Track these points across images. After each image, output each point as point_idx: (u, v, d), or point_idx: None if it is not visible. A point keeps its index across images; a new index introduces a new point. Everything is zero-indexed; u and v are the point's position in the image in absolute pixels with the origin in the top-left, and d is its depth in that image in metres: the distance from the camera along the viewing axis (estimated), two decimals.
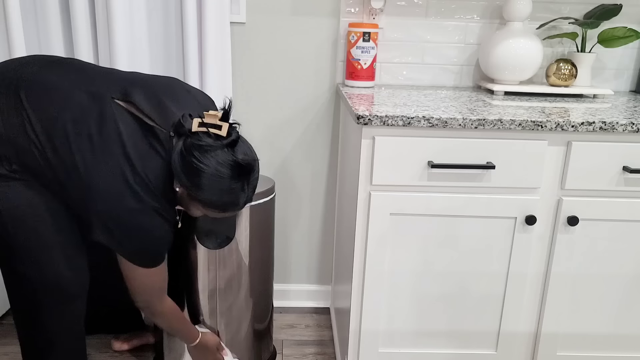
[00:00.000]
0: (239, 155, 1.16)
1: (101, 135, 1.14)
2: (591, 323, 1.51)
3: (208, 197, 1.16)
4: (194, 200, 1.19)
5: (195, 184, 1.14)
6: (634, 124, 1.32)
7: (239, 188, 1.17)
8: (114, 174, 1.14)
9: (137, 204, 1.15)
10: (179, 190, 1.19)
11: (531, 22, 1.84)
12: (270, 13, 1.80)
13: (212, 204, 1.18)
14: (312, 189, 2.00)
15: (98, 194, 1.15)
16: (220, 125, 1.15)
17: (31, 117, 1.14)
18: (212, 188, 1.14)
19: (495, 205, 1.38)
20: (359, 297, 1.46)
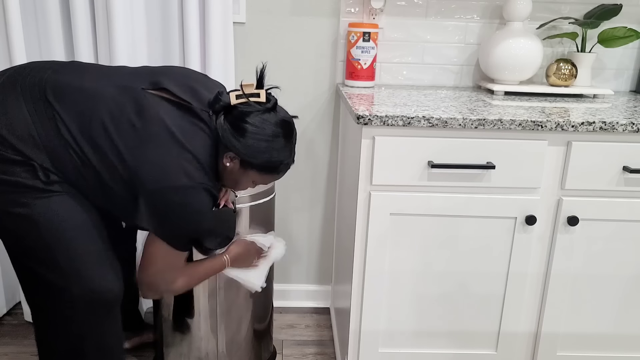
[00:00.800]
0: (282, 115, 1.22)
1: (143, 122, 1.15)
2: (591, 323, 1.51)
3: (266, 159, 1.20)
4: (248, 169, 1.22)
5: (252, 148, 1.18)
6: (634, 124, 1.32)
7: (289, 146, 1.23)
8: (163, 154, 1.14)
9: (188, 181, 1.15)
10: (230, 164, 1.21)
11: (531, 22, 1.84)
12: (270, 13, 1.80)
13: (269, 166, 1.22)
14: (312, 189, 2.00)
15: (148, 175, 1.14)
16: (257, 93, 1.20)
17: (64, 118, 1.14)
18: (269, 149, 1.19)
19: (495, 205, 1.38)
20: (359, 297, 1.46)
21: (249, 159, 1.20)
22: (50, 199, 1.16)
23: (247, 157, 1.19)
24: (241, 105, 1.19)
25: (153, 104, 1.17)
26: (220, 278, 1.51)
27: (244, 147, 1.18)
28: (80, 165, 1.16)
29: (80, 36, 1.66)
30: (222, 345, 1.58)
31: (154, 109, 1.16)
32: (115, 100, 1.16)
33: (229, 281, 1.52)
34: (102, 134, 1.14)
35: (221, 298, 1.53)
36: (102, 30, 1.67)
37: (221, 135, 1.18)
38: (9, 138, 1.12)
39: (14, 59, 1.62)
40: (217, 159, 1.22)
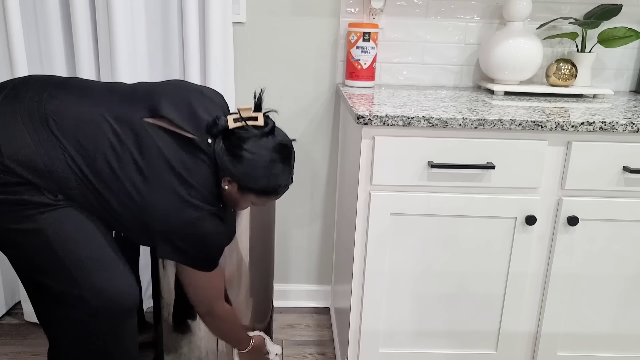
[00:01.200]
0: (280, 139, 1.22)
1: (144, 158, 1.16)
2: (591, 323, 1.51)
3: (263, 184, 1.21)
4: (246, 192, 1.23)
5: (249, 175, 1.19)
6: (634, 124, 1.32)
7: (287, 169, 1.24)
8: (168, 193, 1.17)
9: (196, 213, 1.18)
10: (228, 187, 1.23)
11: (531, 22, 1.84)
12: (270, 13, 1.80)
13: (267, 190, 1.23)
14: (312, 189, 2.00)
15: (157, 214, 1.17)
16: (255, 117, 1.20)
17: (70, 151, 1.13)
18: (266, 175, 1.20)
19: (495, 205, 1.38)
20: (359, 297, 1.46)
21: (247, 184, 1.21)
22: (57, 210, 1.15)
23: (245, 183, 1.21)
24: (238, 130, 1.19)
25: (152, 136, 1.17)
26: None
27: (241, 173, 1.19)
28: (87, 191, 1.16)
29: (80, 37, 1.66)
30: (222, 345, 1.58)
31: (154, 145, 1.17)
32: (116, 134, 1.16)
33: (229, 281, 1.53)
34: (106, 170, 1.15)
35: None
36: (103, 30, 1.67)
37: (219, 161, 1.19)
38: (13, 167, 1.11)
39: (14, 58, 1.62)
40: (219, 184, 1.23)
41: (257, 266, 1.57)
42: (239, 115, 1.20)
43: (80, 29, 1.66)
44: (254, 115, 1.20)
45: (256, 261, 1.56)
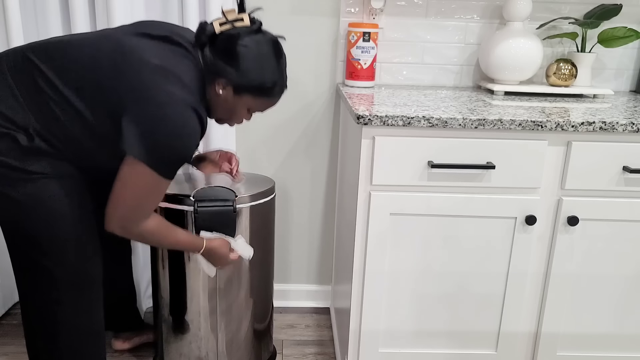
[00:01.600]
0: (270, 36, 1.20)
1: (123, 56, 1.13)
2: (591, 323, 1.51)
3: (259, 80, 1.18)
4: (243, 94, 1.20)
5: (245, 71, 1.16)
6: (634, 124, 1.32)
7: (281, 67, 1.22)
8: (143, 76, 1.11)
9: (167, 97, 1.11)
10: (223, 92, 1.19)
11: (531, 22, 1.84)
12: (270, 13, 1.80)
13: (264, 89, 1.20)
14: (312, 189, 2.00)
15: (130, 94, 1.11)
16: (241, 17, 1.18)
17: (43, 69, 1.13)
18: (261, 68, 1.17)
19: (495, 205, 1.38)
20: (359, 297, 1.46)
21: (243, 82, 1.17)
22: (36, 183, 1.16)
23: (241, 81, 1.17)
24: (227, 31, 1.17)
25: (136, 42, 1.16)
26: (220, 278, 1.51)
27: (236, 70, 1.16)
28: (62, 115, 1.14)
29: (79, 30, 1.66)
30: (222, 345, 1.58)
31: (137, 44, 1.15)
32: (97, 45, 1.16)
33: (229, 281, 1.53)
34: (82, 74, 1.13)
35: (221, 298, 1.54)
36: (102, 25, 1.67)
37: (210, 65, 1.17)
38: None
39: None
40: (204, 88, 1.20)
41: (257, 266, 1.57)
42: (224, 18, 1.18)
43: (79, 27, 1.66)
44: (239, 17, 1.18)
45: (256, 261, 1.56)
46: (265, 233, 1.58)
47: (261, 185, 1.57)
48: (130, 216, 1.20)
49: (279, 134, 1.92)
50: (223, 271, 1.51)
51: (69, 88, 1.13)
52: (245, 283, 1.56)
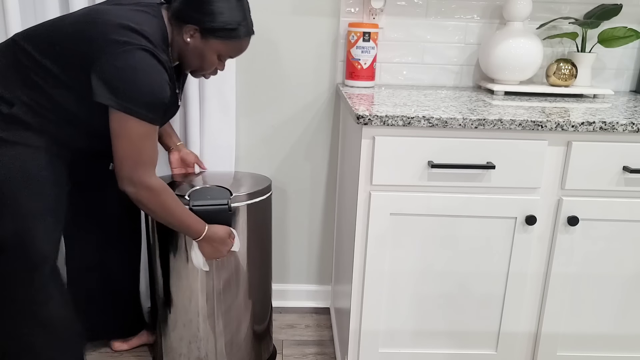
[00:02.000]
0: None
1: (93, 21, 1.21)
2: (591, 323, 1.51)
3: (223, 20, 1.26)
4: (209, 38, 1.28)
5: (206, 13, 1.25)
6: (634, 124, 1.32)
7: (244, 8, 1.30)
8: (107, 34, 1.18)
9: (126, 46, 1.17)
10: (191, 40, 1.28)
11: (531, 22, 1.84)
12: (270, 13, 1.80)
13: (229, 29, 1.27)
14: (312, 189, 1.99)
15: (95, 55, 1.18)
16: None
17: (23, 45, 1.23)
18: (222, 11, 1.25)
19: (495, 205, 1.38)
20: (359, 297, 1.46)
21: (208, 25, 1.25)
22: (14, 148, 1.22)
23: (206, 24, 1.25)
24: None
25: (102, 7, 1.26)
26: (219, 279, 1.51)
27: (201, 14, 1.25)
28: (44, 84, 1.22)
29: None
30: (221, 346, 1.58)
31: (101, 9, 1.25)
32: (71, 15, 1.26)
33: (227, 282, 1.52)
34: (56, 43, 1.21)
35: (220, 299, 1.53)
36: None
37: (177, 14, 1.26)
38: None
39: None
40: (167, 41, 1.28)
41: (255, 266, 1.57)
42: None
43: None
44: None
45: (254, 261, 1.56)
46: (262, 232, 1.58)
47: (257, 183, 1.57)
48: (134, 168, 1.24)
49: (279, 134, 1.92)
50: (221, 271, 1.51)
51: (46, 57, 1.21)
52: (243, 283, 1.56)
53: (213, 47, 1.29)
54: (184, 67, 1.37)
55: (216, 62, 1.34)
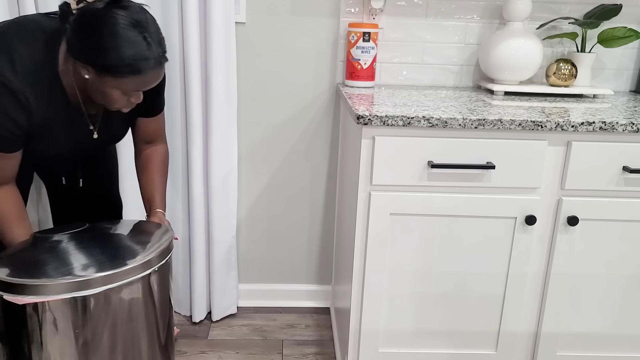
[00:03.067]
0: (132, 8, 1.12)
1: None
2: (591, 323, 1.51)
3: (116, 57, 1.09)
4: (104, 75, 1.13)
5: (98, 48, 1.09)
6: (634, 124, 1.32)
7: (142, 39, 1.11)
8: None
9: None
10: (89, 76, 1.14)
11: (531, 22, 1.84)
12: (270, 13, 1.80)
13: (123, 65, 1.10)
14: (312, 189, 2.00)
15: None
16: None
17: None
18: (116, 45, 1.09)
19: (495, 205, 1.38)
20: (359, 297, 1.46)
21: (99, 61, 1.11)
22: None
23: (97, 60, 1.11)
24: (80, 8, 1.11)
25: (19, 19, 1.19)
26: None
27: (90, 50, 1.10)
28: None
29: None
30: None
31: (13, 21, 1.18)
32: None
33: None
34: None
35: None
36: None
37: (71, 47, 1.12)
38: None
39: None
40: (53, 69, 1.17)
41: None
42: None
43: None
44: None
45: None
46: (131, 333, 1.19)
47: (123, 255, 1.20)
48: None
49: (279, 134, 1.92)
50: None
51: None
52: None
53: (112, 84, 1.14)
54: (93, 101, 1.24)
55: (122, 98, 1.19)
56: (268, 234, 2.04)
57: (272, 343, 1.87)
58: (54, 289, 1.08)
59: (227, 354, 1.81)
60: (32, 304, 1.09)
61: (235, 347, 1.84)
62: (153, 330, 1.25)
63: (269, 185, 1.98)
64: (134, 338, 1.21)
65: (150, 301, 1.22)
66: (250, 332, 1.94)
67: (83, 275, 1.10)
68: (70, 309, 1.11)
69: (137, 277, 1.17)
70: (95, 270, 1.12)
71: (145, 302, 1.21)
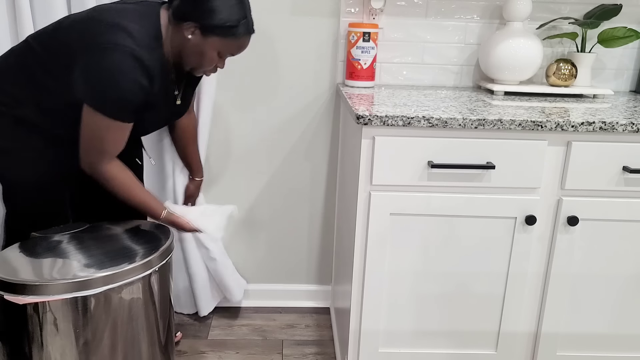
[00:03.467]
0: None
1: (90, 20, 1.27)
2: (591, 323, 1.51)
3: (222, 17, 1.26)
4: (209, 35, 1.28)
5: (207, 10, 1.25)
6: (634, 124, 1.32)
7: (245, 5, 1.31)
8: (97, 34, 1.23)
9: (108, 46, 1.21)
10: (191, 36, 1.28)
11: (531, 22, 1.84)
12: (270, 13, 1.80)
13: (228, 26, 1.27)
14: (312, 189, 2.00)
15: (82, 52, 1.23)
16: None
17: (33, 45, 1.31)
18: (223, 8, 1.26)
19: (495, 205, 1.38)
20: (359, 297, 1.46)
21: (208, 21, 1.26)
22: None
23: (206, 21, 1.26)
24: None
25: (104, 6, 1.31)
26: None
27: (201, 11, 1.26)
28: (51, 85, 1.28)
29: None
30: None
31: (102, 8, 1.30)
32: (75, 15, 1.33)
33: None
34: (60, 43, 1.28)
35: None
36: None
37: (178, 11, 1.27)
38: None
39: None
40: (160, 40, 1.29)
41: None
42: None
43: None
44: None
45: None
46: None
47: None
48: (91, 155, 1.32)
49: (279, 134, 1.92)
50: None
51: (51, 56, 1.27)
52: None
53: (213, 45, 1.30)
54: (183, 64, 1.37)
55: (216, 60, 1.34)
56: (268, 234, 2.04)
57: (272, 343, 1.88)
58: (55, 289, 1.09)
59: (227, 354, 1.81)
60: (32, 304, 1.09)
61: (235, 347, 1.84)
62: (153, 330, 1.25)
63: (269, 185, 1.98)
64: (134, 338, 1.21)
65: (150, 301, 1.22)
66: (250, 332, 1.94)
67: (83, 276, 1.11)
68: (70, 309, 1.11)
69: (137, 277, 1.17)
70: (96, 270, 1.13)
71: (145, 302, 1.21)
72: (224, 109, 1.89)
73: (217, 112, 1.87)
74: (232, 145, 1.92)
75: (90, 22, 1.26)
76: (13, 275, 1.10)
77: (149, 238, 1.29)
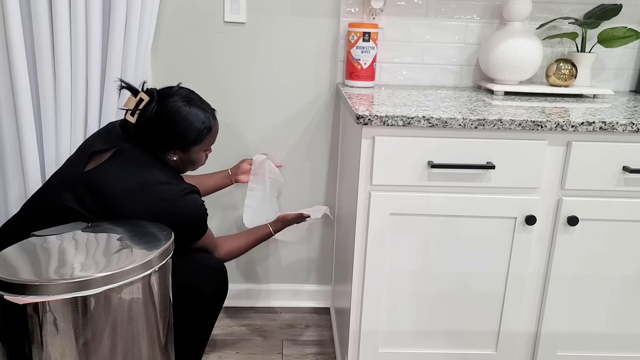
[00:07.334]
0: (170, 93, 1.35)
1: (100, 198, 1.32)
2: (591, 323, 1.51)
3: (194, 132, 1.34)
4: (190, 149, 1.38)
5: (179, 135, 1.33)
6: (634, 124, 1.32)
7: (196, 106, 1.36)
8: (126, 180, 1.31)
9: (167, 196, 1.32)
10: (177, 158, 1.38)
11: (531, 22, 1.84)
12: (270, 13, 1.80)
13: (199, 133, 1.36)
14: (312, 189, 2.00)
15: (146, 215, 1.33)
16: (140, 99, 1.33)
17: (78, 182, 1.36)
18: (187, 123, 1.33)
19: (495, 205, 1.38)
20: (359, 297, 1.46)
21: (183, 143, 1.35)
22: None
23: (181, 144, 1.35)
24: (139, 118, 1.33)
25: (95, 175, 1.31)
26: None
27: (172, 138, 1.33)
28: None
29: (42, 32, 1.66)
30: None
31: (98, 179, 1.31)
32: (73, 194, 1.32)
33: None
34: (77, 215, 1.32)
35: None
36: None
37: (154, 147, 1.35)
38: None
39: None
40: (164, 163, 1.38)
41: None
42: (129, 110, 1.33)
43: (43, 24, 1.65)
44: (138, 99, 1.33)
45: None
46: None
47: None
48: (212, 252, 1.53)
49: (279, 134, 1.92)
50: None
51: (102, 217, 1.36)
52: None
53: (197, 151, 1.40)
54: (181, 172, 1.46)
55: (204, 155, 1.45)
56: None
57: (272, 343, 1.88)
58: (55, 289, 1.08)
59: (227, 354, 1.81)
60: (32, 304, 1.09)
61: (235, 347, 1.84)
62: (153, 331, 1.25)
63: None
64: (134, 338, 1.21)
65: (150, 301, 1.22)
66: (250, 332, 1.94)
67: (83, 276, 1.10)
68: (70, 309, 1.11)
69: (137, 277, 1.17)
70: (96, 270, 1.13)
71: (145, 302, 1.21)
72: (224, 109, 1.89)
73: (216, 112, 1.87)
74: (232, 145, 1.92)
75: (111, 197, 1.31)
76: (13, 275, 1.10)
77: (149, 238, 1.29)
